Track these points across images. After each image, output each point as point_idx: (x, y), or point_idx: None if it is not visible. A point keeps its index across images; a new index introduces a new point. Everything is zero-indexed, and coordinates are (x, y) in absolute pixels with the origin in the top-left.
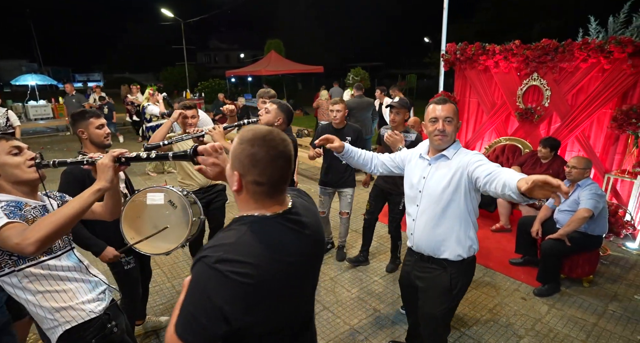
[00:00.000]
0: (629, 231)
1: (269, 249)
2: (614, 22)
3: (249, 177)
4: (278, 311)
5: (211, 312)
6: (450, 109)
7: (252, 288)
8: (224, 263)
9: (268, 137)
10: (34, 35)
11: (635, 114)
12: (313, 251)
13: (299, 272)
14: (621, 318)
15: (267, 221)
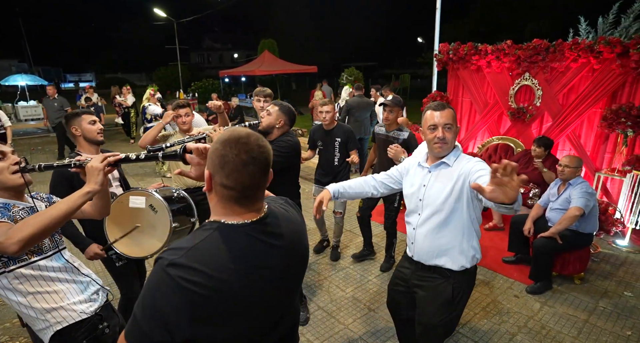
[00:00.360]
0: (619, 229)
1: (229, 259)
2: (603, 22)
3: (217, 178)
4: (235, 325)
5: (154, 319)
6: (449, 115)
7: (202, 299)
8: (176, 268)
9: (243, 140)
10: (23, 34)
11: (625, 113)
12: (284, 264)
13: (265, 286)
14: (611, 314)
15: (233, 229)
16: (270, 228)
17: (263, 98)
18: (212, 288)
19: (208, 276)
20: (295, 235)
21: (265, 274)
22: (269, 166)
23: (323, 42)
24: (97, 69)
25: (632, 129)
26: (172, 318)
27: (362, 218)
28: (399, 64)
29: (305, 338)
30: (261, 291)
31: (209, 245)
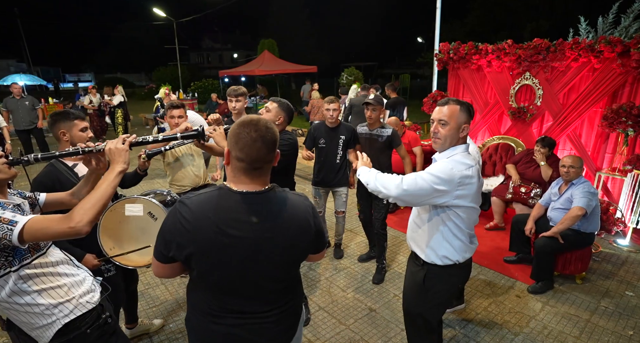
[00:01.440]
0: (620, 228)
1: (212, 210)
2: (603, 22)
3: (234, 152)
4: (204, 265)
5: (162, 237)
6: (447, 112)
7: (184, 232)
8: (180, 204)
9: (254, 122)
10: (22, 34)
11: (625, 112)
12: (261, 235)
13: (237, 247)
14: (613, 314)
15: (229, 192)
16: (261, 201)
17: (235, 98)
18: (192, 226)
19: (192, 216)
20: (289, 219)
21: (242, 237)
22: (275, 145)
23: (323, 42)
24: (96, 69)
25: (633, 128)
26: (169, 238)
27: (365, 219)
28: (398, 64)
29: (306, 339)
30: (234, 251)
31: (207, 197)
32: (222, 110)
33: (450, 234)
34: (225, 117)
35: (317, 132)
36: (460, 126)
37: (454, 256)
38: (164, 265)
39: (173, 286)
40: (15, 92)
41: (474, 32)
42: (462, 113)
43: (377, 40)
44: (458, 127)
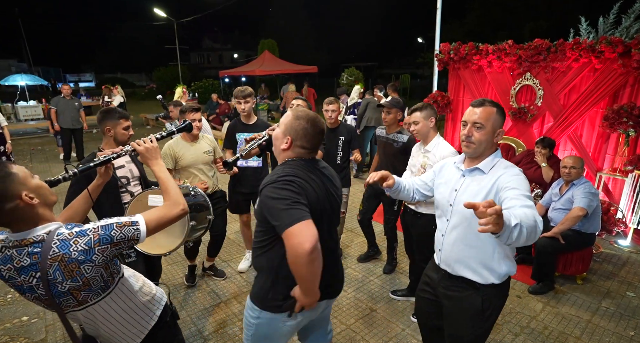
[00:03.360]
0: (621, 229)
1: (303, 171)
2: (604, 22)
3: (299, 142)
4: (315, 210)
5: (295, 197)
6: (484, 114)
7: (297, 185)
8: (284, 176)
9: (317, 119)
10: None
11: (626, 113)
12: (331, 189)
13: (321, 193)
14: (614, 314)
15: (303, 160)
16: (320, 164)
17: (243, 100)
18: (300, 181)
19: (296, 177)
20: (333, 174)
21: (322, 188)
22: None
23: (323, 42)
24: (96, 69)
25: (634, 129)
26: (299, 197)
27: (362, 221)
28: (398, 64)
29: None
30: (321, 199)
31: (291, 166)
32: (223, 110)
33: (509, 248)
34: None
35: None
36: (495, 130)
37: (512, 269)
38: (310, 219)
39: (173, 284)
40: (65, 92)
41: (473, 32)
42: (498, 116)
43: (377, 41)
44: (494, 132)
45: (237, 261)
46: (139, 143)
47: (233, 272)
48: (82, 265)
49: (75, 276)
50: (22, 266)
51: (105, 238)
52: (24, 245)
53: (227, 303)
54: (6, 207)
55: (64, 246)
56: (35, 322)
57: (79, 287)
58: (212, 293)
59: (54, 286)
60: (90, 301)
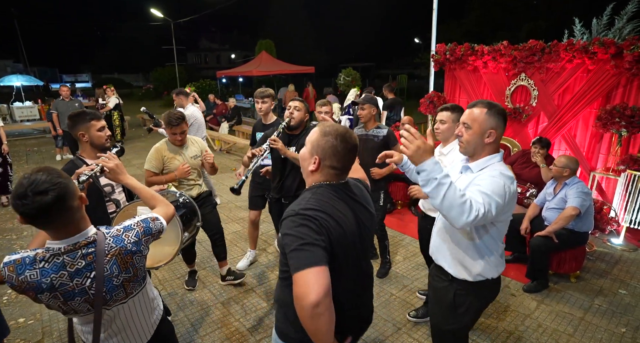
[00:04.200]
0: (614, 228)
1: (330, 202)
2: (597, 24)
3: (328, 162)
4: (341, 248)
5: (312, 236)
6: (471, 115)
7: (317, 224)
8: (306, 211)
9: (347, 134)
10: (19, 35)
11: (619, 113)
12: (363, 218)
13: (351, 226)
14: (606, 312)
15: (332, 186)
16: (350, 188)
17: (261, 100)
18: (326, 217)
19: (323, 213)
20: (364, 196)
21: (352, 218)
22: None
23: (320, 42)
24: (93, 69)
25: (626, 129)
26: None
27: None
28: (396, 65)
29: None
30: (351, 230)
31: (319, 195)
32: (220, 111)
33: (486, 249)
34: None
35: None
36: (484, 131)
37: (489, 273)
38: (325, 266)
39: (170, 287)
40: (64, 94)
41: (472, 32)
42: (489, 117)
43: (375, 41)
44: (482, 133)
45: (235, 261)
46: (109, 158)
47: None
48: (135, 255)
49: (128, 268)
50: (76, 270)
51: (147, 229)
52: (77, 248)
53: (225, 304)
54: (74, 205)
55: (119, 240)
56: (31, 324)
57: (129, 278)
58: (209, 294)
59: (109, 282)
60: (134, 292)
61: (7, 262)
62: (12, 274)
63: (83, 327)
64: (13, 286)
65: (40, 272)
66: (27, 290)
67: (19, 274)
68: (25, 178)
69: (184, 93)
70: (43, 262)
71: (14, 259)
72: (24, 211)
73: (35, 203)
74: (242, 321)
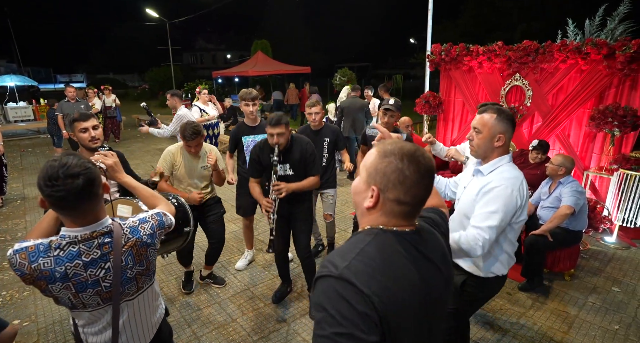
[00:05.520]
0: (607, 226)
1: (390, 265)
2: (590, 25)
3: (391, 194)
4: (406, 332)
5: (355, 322)
6: (481, 119)
7: (363, 303)
8: (354, 276)
9: (417, 152)
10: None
11: (611, 113)
12: (433, 282)
13: (412, 301)
14: (600, 309)
15: (397, 236)
16: (425, 240)
17: (251, 102)
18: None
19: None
20: (442, 253)
21: (420, 285)
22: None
23: (316, 42)
24: (88, 69)
25: (618, 128)
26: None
27: None
28: (391, 65)
29: (302, 338)
30: (410, 300)
31: (378, 249)
32: None
33: (501, 250)
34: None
35: (304, 135)
36: (494, 136)
37: (500, 270)
38: None
39: (164, 292)
40: (69, 95)
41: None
42: (498, 122)
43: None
44: (492, 137)
45: (232, 263)
46: (107, 155)
47: (227, 273)
48: (149, 248)
49: (142, 260)
50: (92, 260)
51: (161, 223)
52: (95, 237)
53: (222, 304)
54: (99, 192)
55: (135, 232)
56: (27, 326)
57: (142, 271)
58: (206, 294)
59: (123, 274)
60: (144, 286)
61: (18, 249)
62: (24, 262)
63: (86, 329)
64: (24, 276)
65: (54, 260)
66: (38, 279)
67: (31, 262)
68: (55, 161)
69: (177, 95)
70: (58, 250)
71: (26, 246)
72: (52, 193)
73: (67, 185)
74: (239, 321)
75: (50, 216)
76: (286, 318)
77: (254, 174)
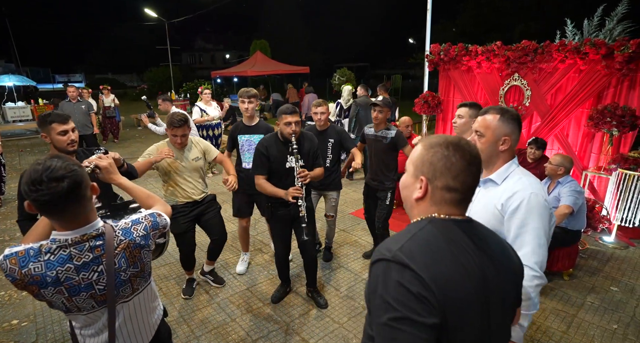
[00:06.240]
0: (605, 226)
1: (442, 252)
2: (588, 25)
3: (440, 182)
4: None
5: (412, 306)
6: (483, 122)
7: (418, 287)
8: (408, 259)
9: (462, 141)
10: (10, 34)
11: (610, 113)
12: (493, 274)
13: (469, 289)
14: (599, 309)
15: (449, 222)
16: (479, 230)
17: (247, 99)
18: (430, 280)
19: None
20: (500, 247)
21: (478, 272)
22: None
23: (315, 42)
24: (87, 69)
25: (617, 128)
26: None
27: (368, 219)
28: (390, 65)
29: (300, 338)
30: (467, 287)
31: (431, 234)
32: None
33: None
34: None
35: None
36: (498, 139)
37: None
38: None
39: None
40: (70, 95)
41: (465, 33)
42: (501, 123)
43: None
44: (496, 140)
45: (231, 263)
46: (101, 157)
47: (226, 273)
48: (142, 250)
49: (136, 262)
50: (83, 263)
51: (155, 223)
52: (85, 240)
53: (221, 304)
54: (87, 194)
55: (127, 233)
56: (25, 326)
57: (137, 273)
58: (205, 294)
59: (117, 276)
60: (140, 288)
61: (8, 255)
62: (15, 267)
63: (83, 331)
64: (15, 281)
65: (45, 265)
66: (30, 284)
67: (22, 267)
68: (39, 164)
69: (168, 99)
70: (48, 254)
71: (16, 251)
72: (38, 198)
73: (51, 189)
74: (238, 321)
75: (45, 220)
76: (285, 318)
77: (260, 170)
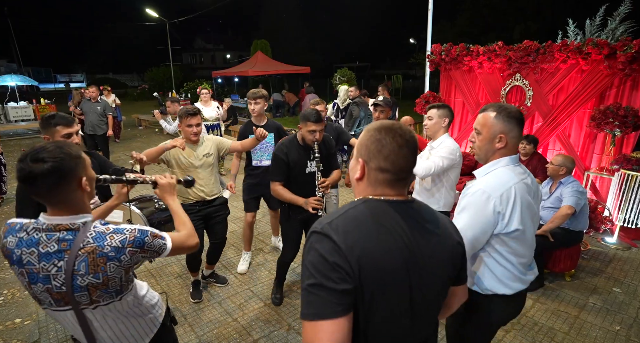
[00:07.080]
0: (608, 227)
1: (368, 227)
2: (590, 25)
3: (373, 163)
4: (369, 291)
5: (327, 274)
6: (481, 120)
7: (336, 257)
8: (332, 231)
9: (395, 126)
10: (12, 34)
11: (612, 113)
12: (425, 251)
13: (398, 262)
14: (601, 310)
15: (383, 203)
16: (417, 210)
17: (254, 100)
18: (351, 252)
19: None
20: (441, 228)
21: (403, 250)
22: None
23: (316, 43)
24: (88, 69)
25: (620, 129)
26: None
27: None
28: (391, 65)
29: (300, 337)
30: (406, 272)
31: (356, 212)
32: None
33: (494, 263)
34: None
35: None
36: (494, 136)
37: (498, 288)
38: (341, 318)
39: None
40: (89, 94)
41: (463, 33)
42: (497, 121)
43: (370, 41)
44: (491, 138)
45: (232, 262)
46: (163, 177)
47: (227, 273)
48: (109, 262)
49: (98, 273)
50: (46, 252)
51: (139, 241)
52: (57, 230)
53: (222, 303)
54: (69, 185)
55: (99, 239)
56: (28, 324)
57: (97, 285)
58: (206, 294)
59: (75, 279)
60: (101, 301)
61: (8, 223)
62: (2, 235)
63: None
64: (2, 249)
65: (17, 241)
66: (6, 255)
67: (4, 237)
68: (38, 145)
69: (176, 100)
70: (24, 233)
71: (12, 221)
72: (18, 173)
73: (30, 167)
74: (239, 320)
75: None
76: (286, 318)
77: (278, 177)
